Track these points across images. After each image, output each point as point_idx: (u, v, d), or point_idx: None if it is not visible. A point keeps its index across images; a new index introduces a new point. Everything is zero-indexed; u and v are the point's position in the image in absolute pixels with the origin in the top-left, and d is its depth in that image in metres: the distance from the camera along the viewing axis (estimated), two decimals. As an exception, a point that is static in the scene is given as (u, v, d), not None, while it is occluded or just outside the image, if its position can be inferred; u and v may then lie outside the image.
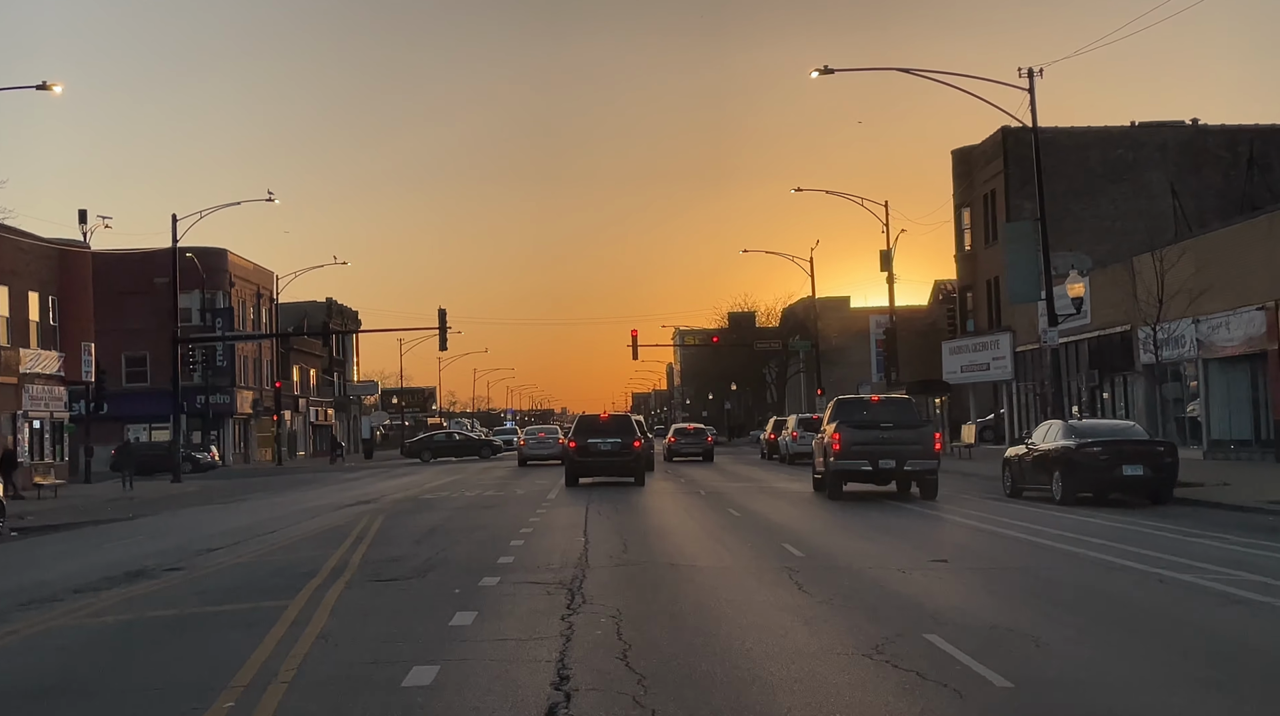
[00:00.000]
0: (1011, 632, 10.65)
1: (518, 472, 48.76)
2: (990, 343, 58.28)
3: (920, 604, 12.25)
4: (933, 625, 10.96)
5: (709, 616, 11.71)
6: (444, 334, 60.53)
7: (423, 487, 38.95)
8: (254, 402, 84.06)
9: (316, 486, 45.65)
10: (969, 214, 61.64)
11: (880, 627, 10.89)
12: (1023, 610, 11.92)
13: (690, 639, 10.49)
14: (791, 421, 53.74)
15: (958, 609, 11.96)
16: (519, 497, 31.39)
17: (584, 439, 36.18)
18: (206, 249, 79.13)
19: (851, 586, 13.67)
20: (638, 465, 36.17)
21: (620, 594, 13.22)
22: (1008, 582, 14.05)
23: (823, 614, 11.81)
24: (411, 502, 30.69)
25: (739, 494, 31.74)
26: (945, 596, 12.82)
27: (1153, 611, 11.87)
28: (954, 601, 12.49)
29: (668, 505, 27.76)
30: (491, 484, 39.46)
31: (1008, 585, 13.84)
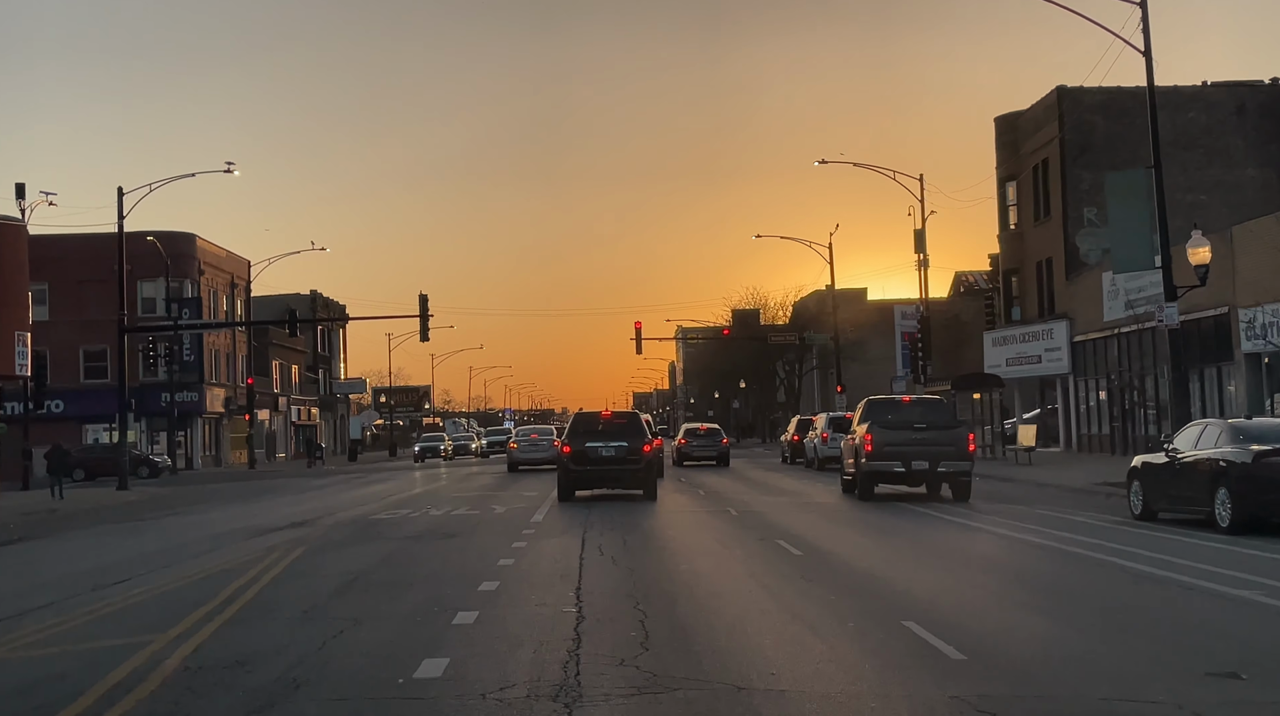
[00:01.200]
0: None
1: (506, 480, 41.33)
2: (1042, 332, 50.79)
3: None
4: None
5: None
6: (425, 322, 53.05)
7: (384, 502, 31.45)
8: (226, 401, 76.58)
9: (270, 496, 38.27)
10: (1015, 188, 54.14)
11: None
12: None
13: None
14: (821, 421, 46.23)
15: None
16: (496, 520, 23.87)
17: (581, 443, 28.77)
18: (172, 233, 71.74)
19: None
20: (648, 475, 28.74)
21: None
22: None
23: None
24: (354, 527, 23.17)
25: (782, 514, 24.22)
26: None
27: None
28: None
29: (696, 535, 20.25)
30: (469, 496, 32.00)
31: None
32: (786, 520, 22.65)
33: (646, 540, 19.15)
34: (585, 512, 24.81)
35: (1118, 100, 48.89)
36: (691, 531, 20.72)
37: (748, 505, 26.70)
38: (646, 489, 28.82)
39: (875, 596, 12.78)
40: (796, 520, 22.70)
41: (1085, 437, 48.18)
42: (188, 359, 71.35)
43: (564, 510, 25.94)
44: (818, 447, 44.80)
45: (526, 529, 21.17)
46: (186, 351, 71.33)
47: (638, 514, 24.54)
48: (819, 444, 44.73)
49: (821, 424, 45.42)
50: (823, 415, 47.64)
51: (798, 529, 20.71)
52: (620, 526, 21.34)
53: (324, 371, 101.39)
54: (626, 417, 30.59)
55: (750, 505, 26.72)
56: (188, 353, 71.36)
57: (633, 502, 27.65)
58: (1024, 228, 53.52)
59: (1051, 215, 50.68)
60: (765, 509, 25.60)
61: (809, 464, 47.33)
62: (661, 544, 18.53)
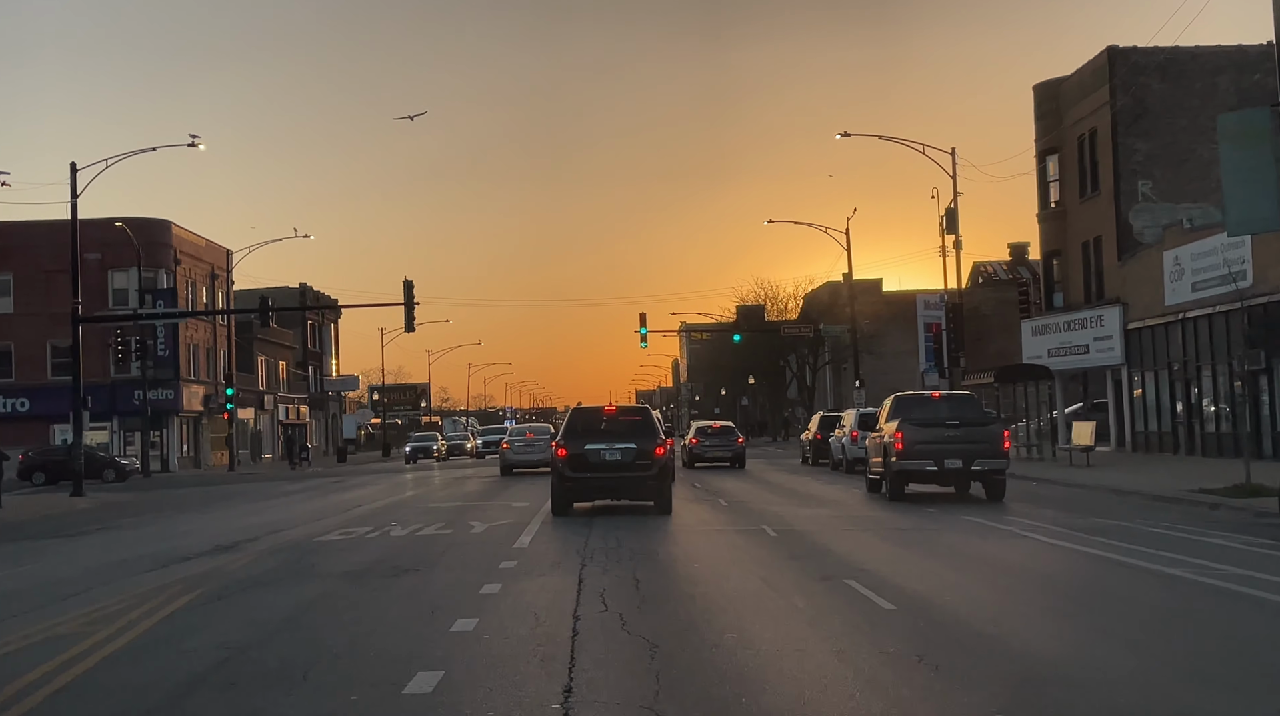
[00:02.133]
0: None
1: (495, 487, 36.10)
2: (1091, 319, 45.48)
3: None
4: None
5: None
6: (410, 311, 47.75)
7: (347, 515, 26.13)
8: (206, 399, 71.30)
9: (228, 505, 33.16)
10: (1056, 162, 48.83)
11: None
12: None
13: None
14: (850, 418, 40.92)
15: None
16: (471, 543, 18.54)
17: (579, 445, 23.48)
18: (144, 219, 66.53)
19: None
20: (661, 484, 23.47)
21: None
22: None
23: None
24: (288, 555, 17.78)
25: (833, 534, 18.92)
26: None
27: None
28: None
29: (732, 571, 14.87)
30: (447, 508, 26.71)
31: None
32: (843, 544, 17.37)
33: (666, 580, 13.87)
34: (584, 532, 19.58)
35: (1177, 61, 43.68)
36: (725, 563, 15.41)
37: (784, 521, 21.42)
38: (659, 501, 23.59)
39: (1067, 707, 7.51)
40: (856, 544, 17.42)
41: (1141, 436, 42.88)
42: (162, 354, 66.15)
43: (557, 528, 20.70)
44: (846, 447, 39.52)
45: (506, 560, 15.87)
46: (160, 346, 66.11)
47: (650, 534, 19.29)
48: (847, 443, 39.45)
49: (851, 421, 40.13)
50: (851, 411, 42.33)
51: (865, 559, 15.42)
52: (629, 555, 16.07)
53: (314, 368, 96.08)
54: (635, 414, 25.28)
55: (787, 520, 21.44)
56: (162, 347, 66.15)
57: (642, 517, 22.43)
58: (1067, 205, 48.23)
59: (1100, 190, 45.39)
60: (809, 526, 20.32)
61: (835, 466, 42.11)
62: (688, 588, 13.23)
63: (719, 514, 23.70)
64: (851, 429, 39.22)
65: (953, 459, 24.75)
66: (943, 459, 24.83)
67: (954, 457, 24.74)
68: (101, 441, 66.37)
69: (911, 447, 25.01)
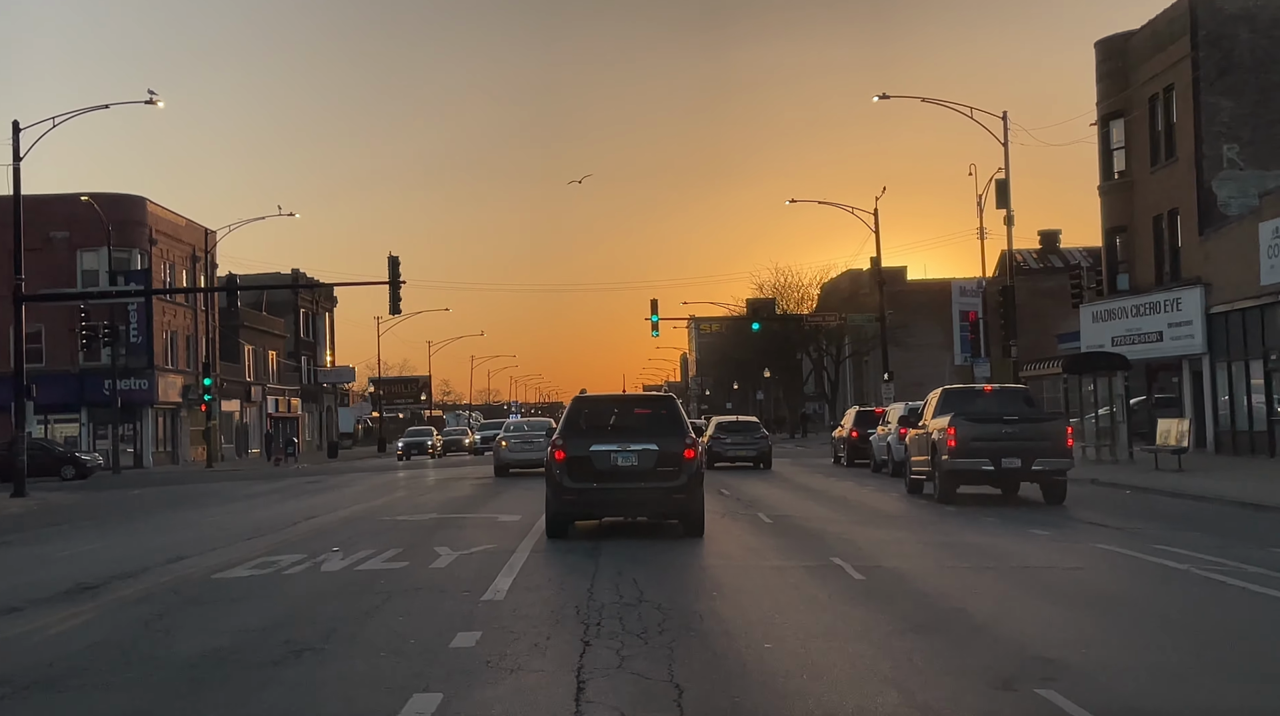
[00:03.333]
0: None
1: (485, 491, 30.33)
2: (1165, 302, 39.54)
3: None
4: None
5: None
6: (396, 290, 41.97)
7: (286, 534, 20.11)
8: (185, 390, 65.52)
9: (170, 512, 27.76)
10: (1122, 128, 42.87)
11: None
12: None
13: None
14: (894, 413, 35.06)
15: None
16: (423, 589, 12.51)
17: (583, 445, 17.57)
18: (116, 195, 60.76)
19: None
20: (691, 498, 17.52)
21: None
22: None
23: None
24: (141, 615, 11.56)
25: (943, 577, 12.96)
26: None
27: None
28: None
29: (832, 656, 9.01)
30: (416, 524, 20.77)
31: None
32: (970, 595, 11.53)
33: (730, 687, 7.97)
34: (587, 569, 13.72)
35: (1268, 8, 37.75)
36: (814, 642, 9.43)
37: (858, 549, 15.56)
38: (688, 520, 17.76)
39: None
40: (988, 596, 11.58)
41: (1226, 435, 36.94)
42: (134, 340, 60.34)
43: (551, 562, 14.86)
44: (892, 447, 33.64)
45: (465, 630, 9.94)
46: (133, 331, 60.31)
47: (682, 576, 13.43)
48: (894, 443, 33.57)
49: (896, 416, 34.26)
50: (897, 406, 36.43)
51: (1027, 629, 9.60)
52: (657, 624, 10.19)
53: (308, 359, 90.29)
54: (656, 405, 19.34)
55: (862, 548, 15.59)
56: (134, 333, 60.34)
57: (667, 543, 16.64)
58: (1135, 175, 42.27)
59: (1177, 157, 39.43)
60: (897, 560, 14.47)
61: (876, 467, 36.32)
62: (775, 710, 7.37)
63: (765, 536, 17.80)
64: (899, 426, 33.39)
65: (1011, 458, 22.36)
66: (1000, 458, 22.41)
67: (1012, 457, 22.36)
68: (70, 435, 60.71)
69: (966, 445, 22.53)
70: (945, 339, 79.58)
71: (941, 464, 23.19)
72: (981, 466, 22.74)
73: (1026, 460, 22.40)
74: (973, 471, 22.96)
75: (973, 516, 20.70)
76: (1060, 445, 22.64)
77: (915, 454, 25.92)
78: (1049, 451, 22.50)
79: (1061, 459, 22.60)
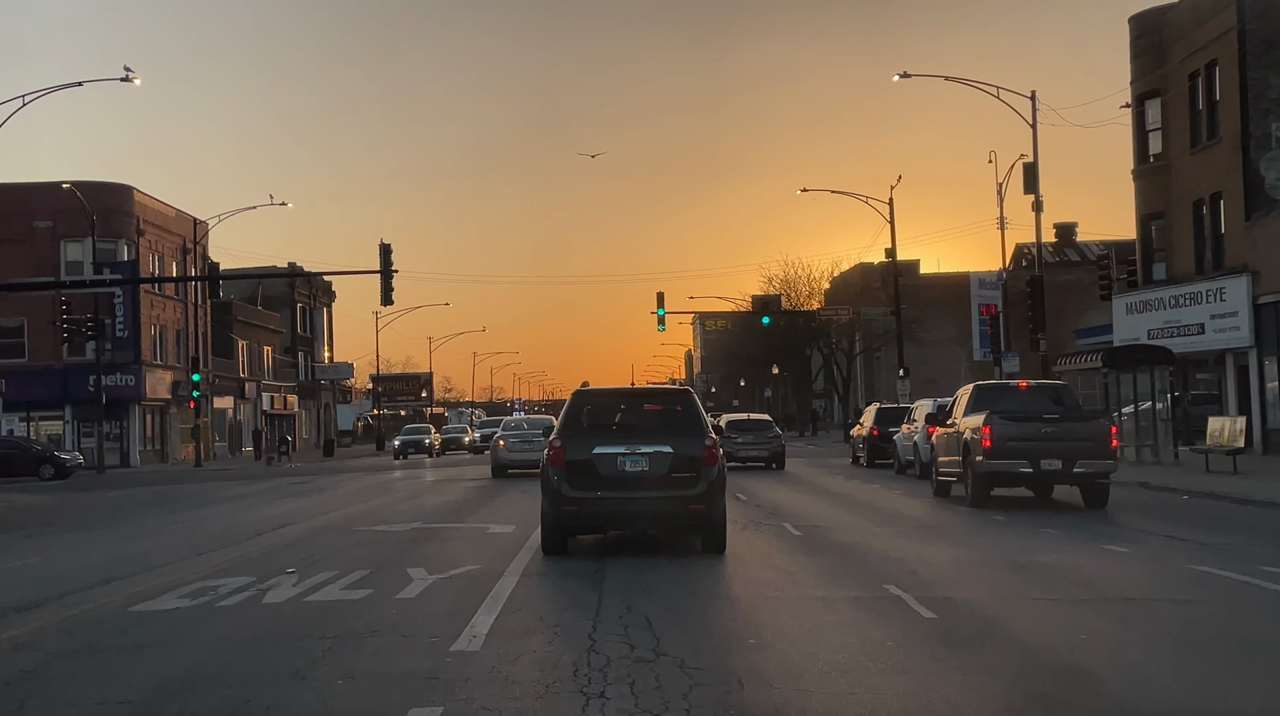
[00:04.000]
0: None
1: (480, 495, 27.73)
2: (1208, 292, 36.83)
3: None
4: None
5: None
6: (388, 279, 39.31)
7: (240, 549, 17.34)
8: (175, 386, 62.87)
9: (135, 518, 25.36)
10: (1158, 108, 40.14)
11: None
12: None
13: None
14: (921, 411, 32.40)
15: None
16: (380, 632, 9.76)
17: (584, 446, 14.95)
18: (101, 184, 58.14)
19: None
20: (712, 509, 14.84)
21: None
22: None
23: None
24: (49, 653, 9.24)
25: (1033, 612, 10.26)
26: None
27: None
28: None
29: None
30: (393, 537, 18.05)
31: None
32: (1098, 651, 8.82)
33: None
34: (589, 604, 11.04)
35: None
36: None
37: (911, 571, 12.87)
38: (709, 535, 15.14)
39: None
40: (1120, 645, 8.91)
41: (1276, 434, 34.25)
42: (120, 334, 57.71)
43: (544, 591, 12.18)
44: (920, 447, 30.96)
45: (422, 705, 7.26)
46: (119, 325, 57.68)
47: (706, 612, 10.76)
48: (921, 442, 30.91)
49: (923, 414, 31.57)
50: (923, 402, 33.77)
51: (1180, 701, 6.93)
52: (680, 680, 7.57)
53: (305, 355, 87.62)
54: (670, 399, 16.64)
55: (915, 570, 12.90)
56: (120, 327, 57.71)
57: (683, 563, 14.02)
58: (1173, 157, 39.52)
59: (1220, 137, 36.70)
60: (961, 587, 11.83)
61: (900, 468, 33.66)
62: None
63: (798, 554, 15.09)
64: (926, 424, 30.72)
65: (1050, 459, 20.77)
66: (1039, 459, 20.77)
67: (1052, 458, 20.77)
68: (54, 433, 58.13)
69: (1002, 446, 20.88)
70: (959, 334, 76.95)
71: (975, 465, 21.44)
72: (1019, 468, 21.06)
73: (1067, 462, 20.73)
74: (1009, 474, 21.28)
75: (1025, 526, 18.24)
76: (1104, 446, 21.01)
77: (944, 454, 24.18)
78: (1092, 452, 20.83)
79: (1105, 461, 20.92)
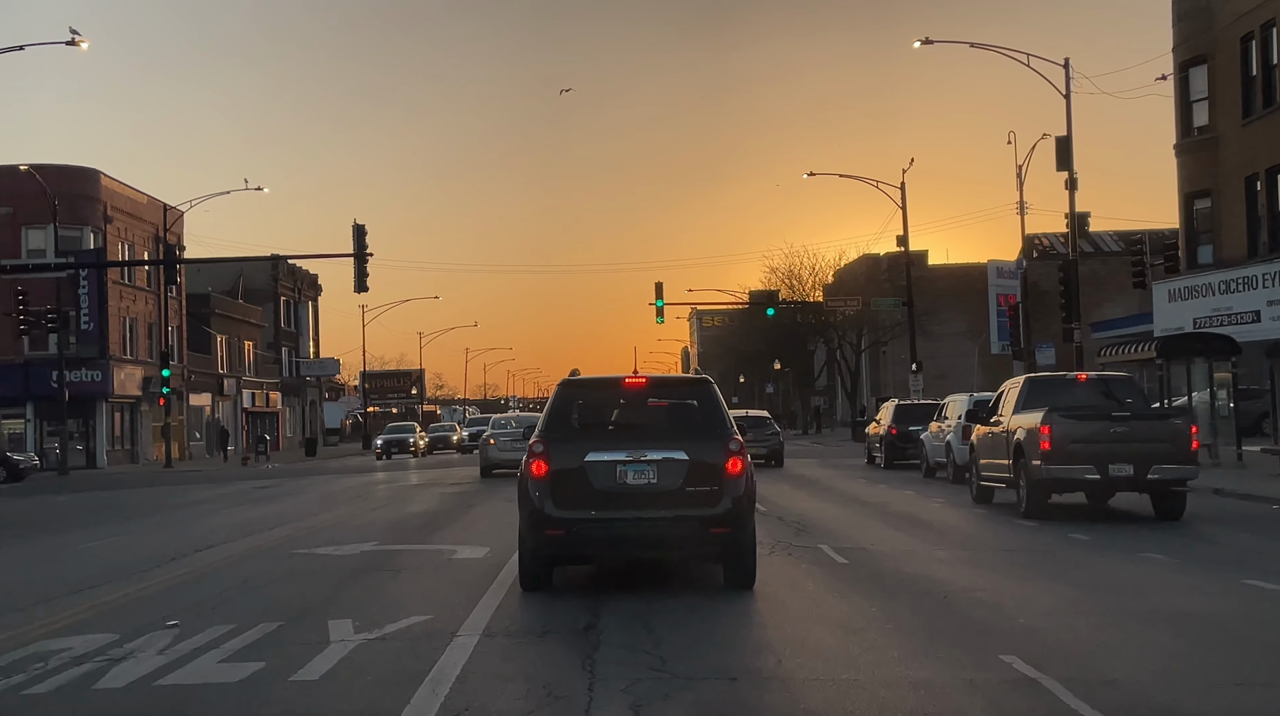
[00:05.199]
0: None
1: (459, 502, 24.00)
2: (1264, 277, 32.99)
3: None
4: None
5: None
6: (362, 263, 35.52)
7: (144, 584, 13.40)
8: (145, 382, 59.02)
9: (51, 533, 21.77)
10: (1204, 75, 36.38)
11: None
12: None
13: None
14: (954, 407, 28.69)
15: None
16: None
17: (574, 452, 11.25)
18: (64, 167, 54.30)
19: None
20: (736, 533, 11.22)
21: None
22: None
23: None
24: None
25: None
26: None
27: None
28: None
29: None
30: (339, 563, 14.22)
31: None
32: None
33: None
34: (577, 692, 7.26)
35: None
36: None
37: (1044, 638, 9.09)
38: (736, 566, 11.59)
39: None
40: None
41: (1343, 433, 30.54)
42: (85, 327, 53.88)
43: (513, 661, 8.33)
44: (954, 448, 27.30)
45: None
46: (84, 317, 53.83)
47: (750, 708, 7.01)
48: (954, 442, 27.30)
49: (958, 412, 27.83)
50: (957, 397, 30.03)
51: None
52: None
53: (289, 350, 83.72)
54: (684, 390, 12.98)
55: (1049, 634, 9.12)
56: (85, 319, 53.86)
57: (703, 606, 10.28)
58: (1221, 129, 35.74)
59: (1277, 104, 32.97)
60: (1149, 673, 8.01)
61: (929, 471, 30.04)
62: None
63: (855, 596, 11.26)
64: (964, 422, 27.06)
65: (1121, 465, 17.97)
66: (1107, 464, 17.92)
67: (1123, 462, 17.99)
68: (15, 432, 54.29)
69: (1064, 448, 18.03)
70: (969, 327, 73.27)
71: (1032, 471, 18.52)
72: (1084, 475, 18.09)
73: (1140, 467, 17.82)
74: (1072, 481, 18.35)
75: (1114, 547, 14.96)
76: (1183, 448, 18.20)
77: (986, 457, 21.24)
78: (1169, 456, 18.03)
79: (1185, 466, 18.10)
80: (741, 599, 10.96)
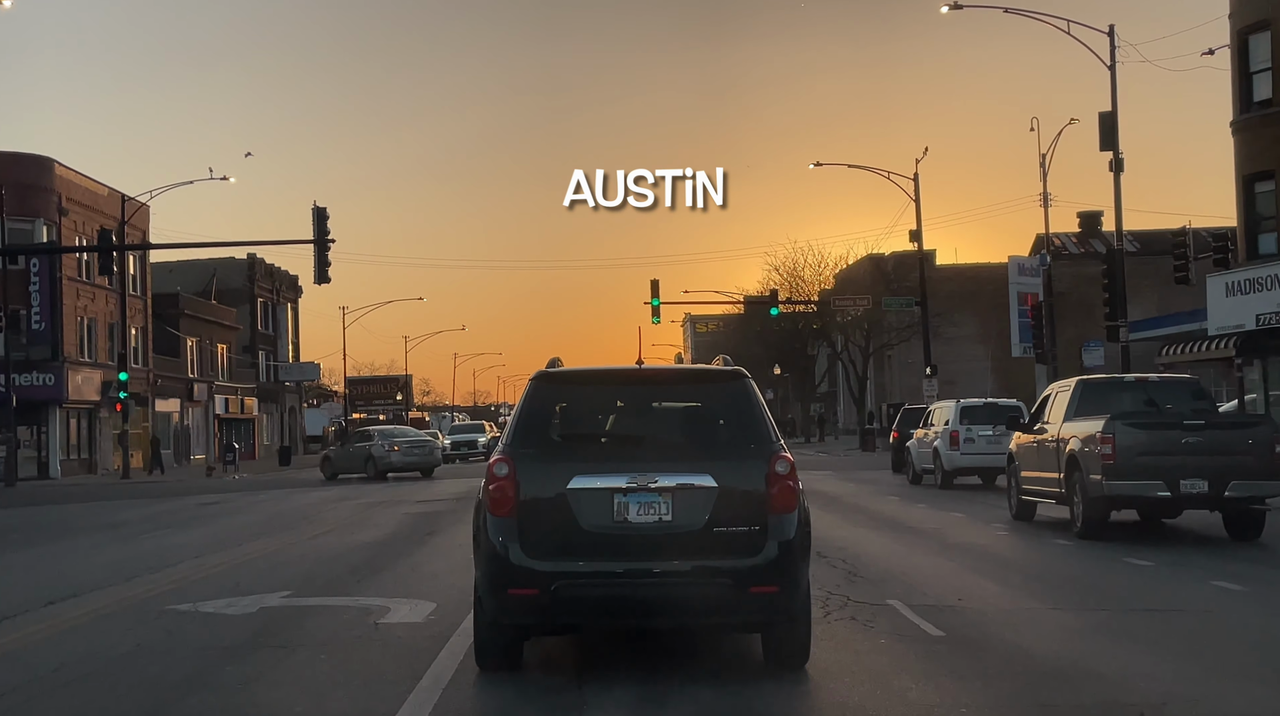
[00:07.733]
0: None
1: (412, 532, 19.83)
2: (1342, 265, 29.08)
3: None
4: None
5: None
6: (323, 252, 31.36)
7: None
8: (105, 386, 54.69)
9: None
10: (1267, 44, 32.36)
11: None
12: None
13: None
14: (941, 416, 25.05)
15: None
16: None
17: (555, 474, 7.25)
18: (14, 155, 50.02)
19: None
20: (786, 592, 7.36)
21: None
22: None
23: None
24: None
25: None
26: None
27: None
28: None
29: None
30: (209, 637, 10.00)
31: None
32: None
33: None
34: None
35: None
36: None
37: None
38: (785, 635, 7.65)
39: None
40: None
41: None
42: (36, 327, 49.62)
43: None
44: (943, 453, 23.81)
45: None
46: (35, 317, 49.57)
47: None
48: (944, 448, 24.05)
49: (949, 419, 24.03)
50: (943, 404, 26.74)
51: None
52: None
53: (266, 354, 79.41)
54: (708, 389, 8.76)
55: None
56: (36, 318, 49.58)
57: (738, 681, 6.09)
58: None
59: (1356, 71, 28.97)
60: None
61: (915, 478, 26.83)
62: None
63: (974, 706, 7.15)
64: (952, 428, 24.13)
65: (1194, 480, 15.86)
66: (1178, 479, 15.80)
67: (1197, 478, 15.84)
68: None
69: (1130, 461, 15.85)
70: (980, 331, 69.20)
71: (1090, 486, 16.39)
72: (1154, 492, 15.85)
73: (1216, 483, 15.72)
74: (1139, 497, 16.19)
75: (1256, 596, 10.62)
76: (1267, 461, 16.06)
77: (1030, 468, 19.07)
78: (1249, 470, 15.93)
79: (1270, 481, 16.01)
80: (797, 699, 6.83)
